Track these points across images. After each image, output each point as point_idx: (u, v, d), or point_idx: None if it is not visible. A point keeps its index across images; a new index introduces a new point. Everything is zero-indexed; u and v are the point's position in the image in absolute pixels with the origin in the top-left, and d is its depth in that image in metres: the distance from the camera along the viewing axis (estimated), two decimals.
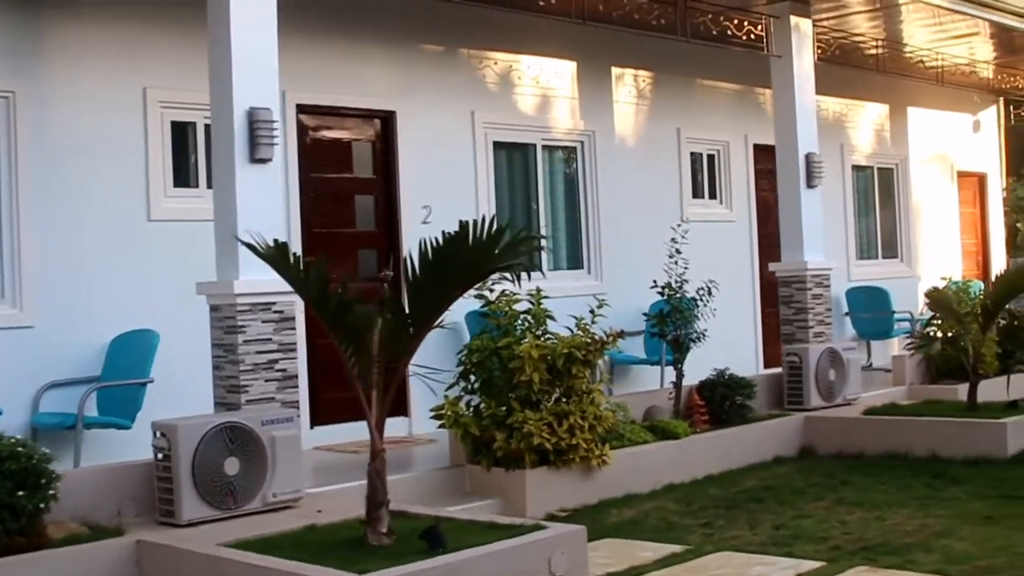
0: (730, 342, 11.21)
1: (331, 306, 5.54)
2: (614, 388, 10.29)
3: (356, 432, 7.75)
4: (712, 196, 12.21)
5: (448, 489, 7.56)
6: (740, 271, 12.30)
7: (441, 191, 9.65)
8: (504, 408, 7.43)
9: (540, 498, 7.36)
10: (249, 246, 5.56)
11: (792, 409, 9.74)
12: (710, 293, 8.92)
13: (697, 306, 8.84)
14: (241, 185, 6.77)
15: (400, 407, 8.94)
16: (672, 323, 8.77)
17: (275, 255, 5.48)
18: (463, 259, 5.48)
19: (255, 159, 6.81)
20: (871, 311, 13.17)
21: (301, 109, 8.83)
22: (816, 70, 10.90)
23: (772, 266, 10.60)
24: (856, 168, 14.00)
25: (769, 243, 12.78)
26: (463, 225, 5.42)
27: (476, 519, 6.01)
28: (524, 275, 7.98)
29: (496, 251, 5.35)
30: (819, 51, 11.41)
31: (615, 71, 11.22)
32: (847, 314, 13.36)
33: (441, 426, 7.52)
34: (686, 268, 9.12)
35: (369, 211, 9.36)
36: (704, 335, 8.93)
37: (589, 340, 7.42)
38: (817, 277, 10.47)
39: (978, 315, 9.05)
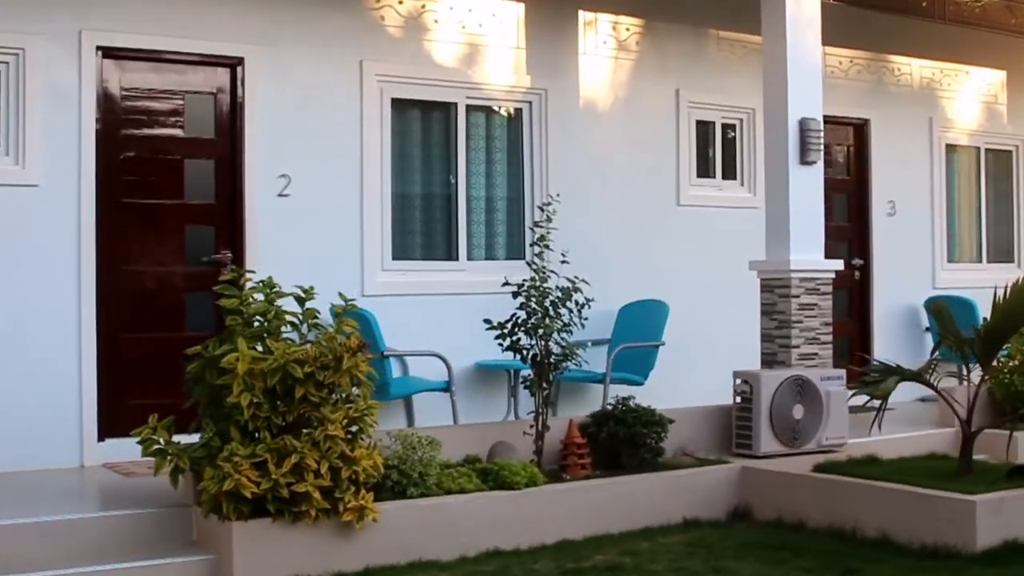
0: (750, 353, 8.92)
1: None
2: (559, 411, 8.25)
3: None
4: (730, 176, 9.81)
5: (172, 534, 5.80)
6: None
7: (309, 158, 7.83)
8: (219, 438, 5.58)
9: (263, 559, 5.46)
10: None
11: (740, 454, 7.36)
12: (571, 294, 6.68)
13: (560, 312, 6.63)
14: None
15: None
16: (531, 334, 6.61)
17: None
18: None
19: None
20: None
21: (108, 53, 7.22)
22: (887, 22, 8.50)
23: (752, 264, 8.17)
24: (953, 148, 11.13)
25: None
26: None
27: None
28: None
29: None
30: None
31: (584, 16, 9.02)
32: (927, 330, 10.62)
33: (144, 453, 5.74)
34: (564, 261, 6.97)
35: (208, 180, 7.65)
36: (579, 353, 6.72)
37: (321, 352, 5.43)
38: (809, 281, 7.95)
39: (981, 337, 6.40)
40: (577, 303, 6.70)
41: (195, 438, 5.72)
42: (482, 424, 7.28)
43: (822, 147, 8.00)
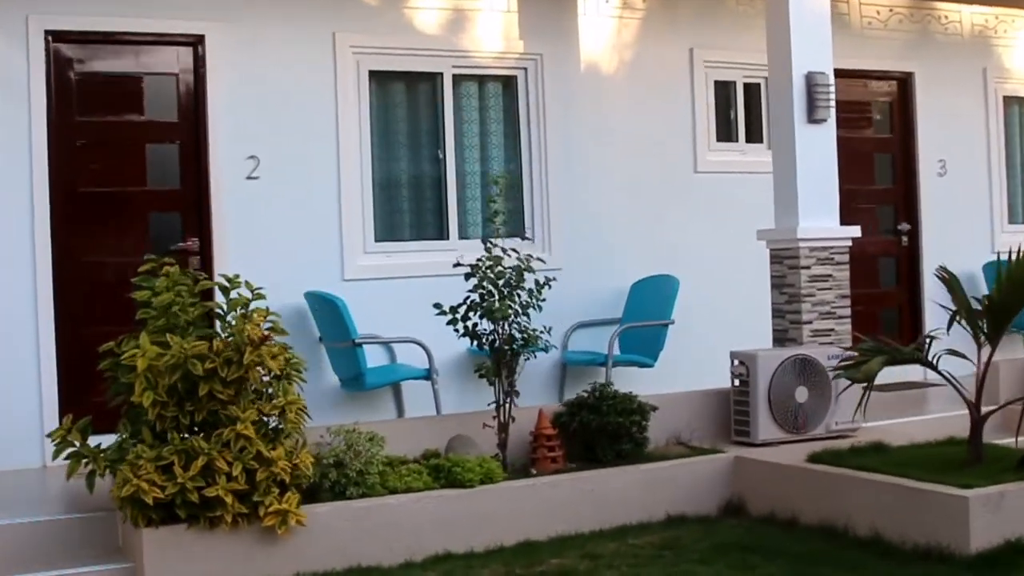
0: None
1: None
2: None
3: None
4: (754, 139, 9.10)
5: (100, 541, 5.48)
6: None
7: (279, 138, 7.43)
8: (132, 440, 5.23)
9: (176, 568, 5.10)
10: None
11: (738, 442, 6.73)
12: (523, 273, 6.12)
13: (517, 293, 6.09)
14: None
15: None
16: (486, 316, 6.08)
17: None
18: None
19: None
20: None
21: (58, 37, 6.93)
22: None
23: (760, 234, 7.48)
24: (1011, 101, 10.18)
25: (849, 204, 9.49)
26: None
27: None
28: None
29: None
30: None
31: None
32: None
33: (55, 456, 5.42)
34: (526, 238, 6.51)
35: (172, 164, 7.31)
36: (543, 337, 6.17)
37: (223, 347, 5.01)
38: (821, 251, 7.25)
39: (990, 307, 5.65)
40: (538, 283, 6.15)
41: None
42: (442, 416, 6.81)
43: (832, 103, 7.27)
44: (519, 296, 6.08)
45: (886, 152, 9.71)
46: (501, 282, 6.06)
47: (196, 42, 7.23)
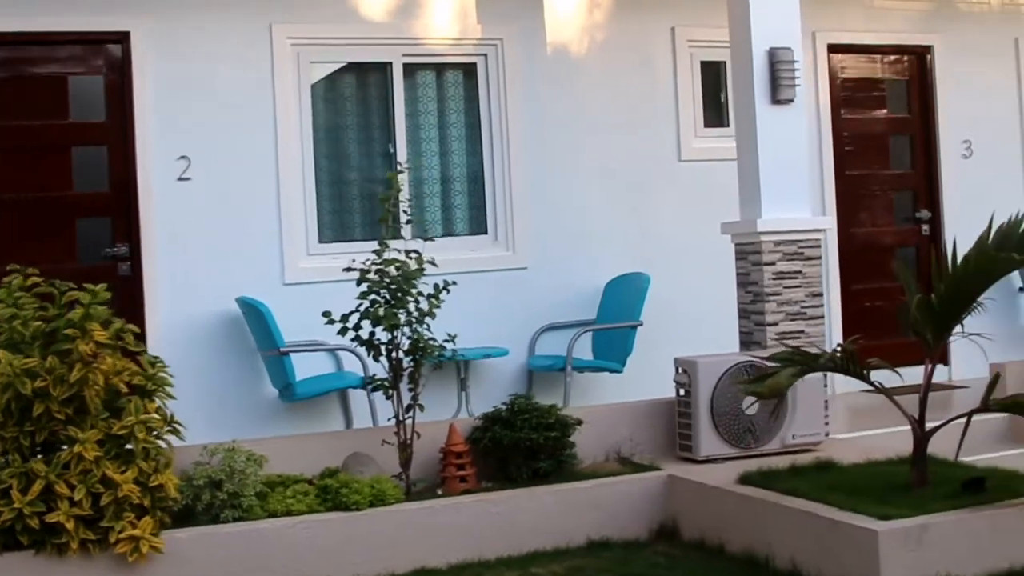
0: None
1: None
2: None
3: None
4: None
5: None
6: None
7: (212, 137, 7.08)
8: None
9: None
10: None
11: (683, 458, 6.12)
12: (409, 278, 5.60)
13: (407, 299, 5.59)
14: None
15: None
16: (375, 325, 5.60)
17: None
18: None
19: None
20: None
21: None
22: None
23: (724, 227, 6.84)
24: None
25: (860, 190, 8.76)
26: None
27: None
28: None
29: None
30: None
31: None
32: (1022, 290, 8.92)
33: None
34: (427, 239, 6.01)
35: (101, 167, 7.02)
36: (439, 346, 5.66)
37: (60, 362, 4.64)
38: (788, 244, 6.58)
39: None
40: (437, 287, 5.66)
41: None
42: (344, 432, 6.36)
43: (798, 82, 6.59)
44: (416, 302, 5.59)
45: (903, 133, 8.92)
46: (394, 287, 5.58)
47: (122, 39, 6.93)
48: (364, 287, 5.61)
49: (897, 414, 5.11)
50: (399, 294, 5.54)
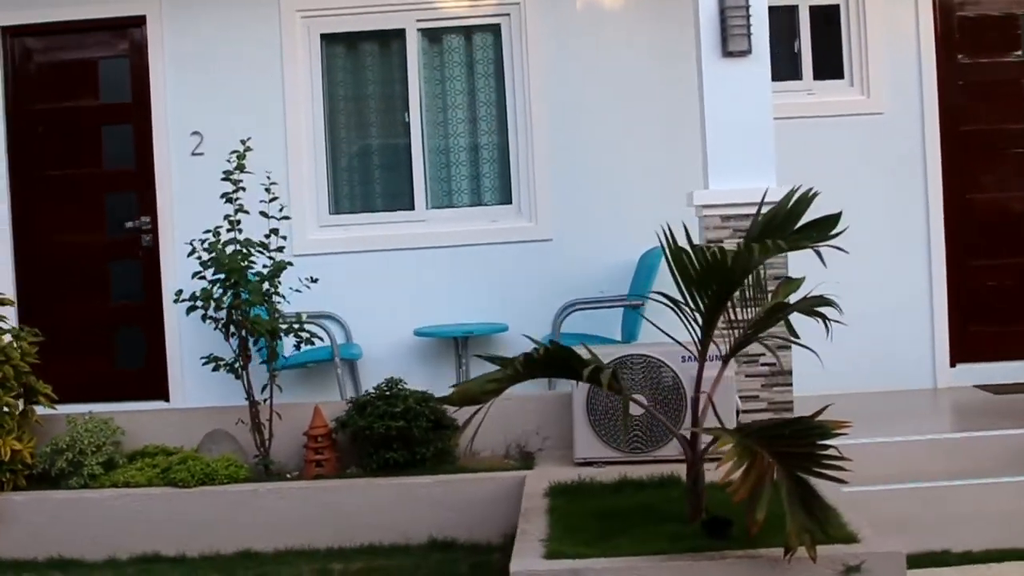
0: (882, 325, 7.07)
1: None
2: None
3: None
4: (834, 74, 7.28)
5: None
6: (895, 201, 7.22)
7: (224, 113, 7.27)
8: None
9: None
10: None
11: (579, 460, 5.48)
12: (245, 258, 5.37)
13: (249, 280, 5.40)
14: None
15: None
16: (229, 298, 5.50)
17: None
18: None
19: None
20: None
21: (16, 31, 7.36)
22: None
23: (688, 198, 5.95)
24: None
25: (975, 148, 7.33)
26: None
27: None
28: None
29: None
30: None
31: None
32: None
33: None
34: (284, 216, 5.82)
35: (127, 145, 7.46)
36: (303, 325, 5.44)
37: None
38: (738, 218, 5.64)
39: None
40: (277, 267, 5.50)
41: None
42: (221, 408, 6.25)
43: (751, 31, 5.61)
44: (258, 282, 5.48)
45: None
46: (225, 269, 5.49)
47: (140, 23, 7.32)
48: (205, 268, 5.58)
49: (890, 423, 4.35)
50: (235, 275, 5.45)
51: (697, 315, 4.19)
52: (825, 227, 4.06)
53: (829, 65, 7.33)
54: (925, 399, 6.88)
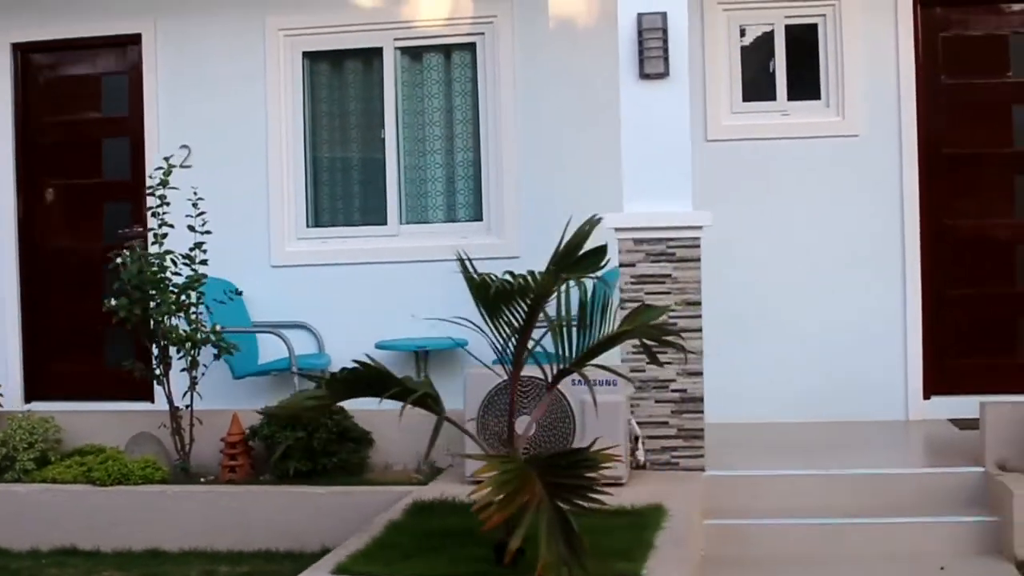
0: (853, 353, 7.02)
1: None
2: None
3: None
4: (804, 95, 7.13)
5: None
6: (869, 225, 7.03)
7: (210, 127, 7.58)
8: None
9: None
10: None
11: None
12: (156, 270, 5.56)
13: (166, 290, 5.62)
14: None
15: None
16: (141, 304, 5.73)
17: None
18: None
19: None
20: None
21: (25, 48, 7.82)
22: None
23: (608, 219, 5.85)
24: None
25: (957, 172, 7.09)
26: None
27: None
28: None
29: None
30: None
31: None
32: None
33: None
34: (205, 232, 6.10)
35: (124, 157, 7.84)
36: (214, 333, 5.63)
37: None
38: (651, 242, 5.61)
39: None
40: (191, 282, 5.72)
41: None
42: (150, 411, 6.45)
43: (666, 54, 5.56)
44: (175, 294, 5.71)
45: None
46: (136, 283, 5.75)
47: (136, 40, 7.68)
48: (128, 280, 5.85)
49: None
50: (145, 288, 5.70)
51: (498, 338, 4.22)
52: (596, 258, 4.04)
53: (808, 86, 7.19)
54: (886, 432, 6.66)
